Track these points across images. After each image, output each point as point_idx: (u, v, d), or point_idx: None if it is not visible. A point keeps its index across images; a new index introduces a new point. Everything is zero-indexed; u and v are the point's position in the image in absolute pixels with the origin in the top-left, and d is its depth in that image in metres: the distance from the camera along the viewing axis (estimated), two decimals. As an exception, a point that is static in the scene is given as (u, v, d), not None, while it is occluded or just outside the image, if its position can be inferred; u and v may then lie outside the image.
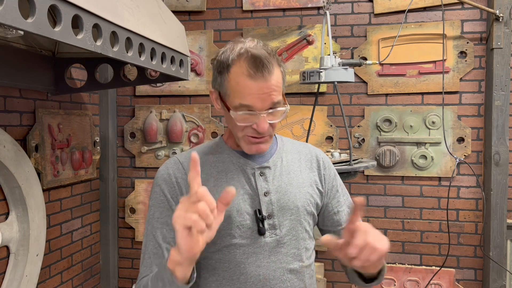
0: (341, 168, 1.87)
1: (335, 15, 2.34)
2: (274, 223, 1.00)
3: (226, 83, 0.97)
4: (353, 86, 2.34)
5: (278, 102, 0.96)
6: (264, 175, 1.03)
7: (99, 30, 1.10)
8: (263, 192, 1.01)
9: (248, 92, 0.93)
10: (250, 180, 1.02)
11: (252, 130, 0.97)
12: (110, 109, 2.50)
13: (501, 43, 2.10)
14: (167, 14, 1.66)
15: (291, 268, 1.01)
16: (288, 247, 1.01)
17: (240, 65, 0.94)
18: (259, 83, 0.93)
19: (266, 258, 0.99)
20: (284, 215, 1.02)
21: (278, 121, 1.00)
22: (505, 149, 2.13)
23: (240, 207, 0.99)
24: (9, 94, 1.79)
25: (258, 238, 0.98)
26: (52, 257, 2.09)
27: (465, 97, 2.24)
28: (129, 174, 2.59)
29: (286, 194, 1.03)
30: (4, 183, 1.74)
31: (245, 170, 1.03)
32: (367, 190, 2.35)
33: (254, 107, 0.94)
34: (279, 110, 0.98)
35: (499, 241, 2.14)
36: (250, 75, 0.92)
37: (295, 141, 1.17)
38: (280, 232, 1.01)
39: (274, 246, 1.00)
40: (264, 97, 0.94)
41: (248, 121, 0.96)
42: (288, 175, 1.06)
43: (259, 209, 0.99)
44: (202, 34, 2.45)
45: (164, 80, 1.96)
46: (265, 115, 0.95)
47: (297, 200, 1.04)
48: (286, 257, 1.01)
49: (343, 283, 2.39)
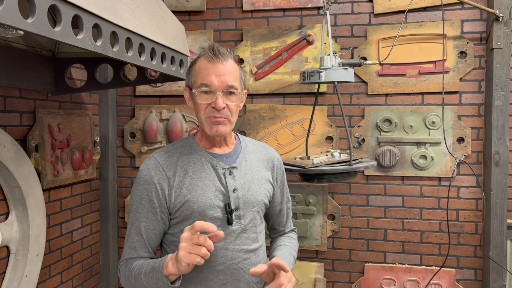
0: (341, 168, 1.88)
1: (335, 15, 2.34)
2: (239, 214, 1.23)
3: (192, 73, 1.23)
4: (353, 86, 2.34)
5: (232, 86, 1.19)
6: (232, 174, 1.25)
7: (99, 30, 1.10)
8: (232, 189, 1.23)
9: (207, 73, 1.18)
10: (221, 178, 1.23)
11: (211, 109, 1.18)
12: (110, 109, 2.50)
13: (501, 43, 2.10)
14: (167, 14, 1.66)
15: (251, 248, 1.26)
16: (249, 232, 1.25)
17: (202, 57, 1.21)
18: (215, 65, 1.17)
19: (232, 242, 1.22)
20: (247, 207, 1.25)
21: (234, 105, 1.21)
22: (505, 149, 2.13)
23: (213, 203, 1.20)
24: (9, 94, 1.80)
25: (227, 227, 1.21)
26: (52, 257, 2.09)
27: (465, 97, 2.24)
28: (129, 174, 2.59)
29: (249, 190, 1.26)
30: (4, 183, 1.74)
31: (217, 169, 1.24)
32: (367, 190, 2.35)
33: (212, 85, 1.17)
34: (234, 95, 1.20)
35: (499, 241, 2.14)
36: (209, 59, 1.18)
37: (255, 141, 1.40)
38: (244, 221, 1.24)
39: (239, 233, 1.23)
40: (220, 78, 1.17)
41: (207, 99, 1.18)
42: (251, 174, 1.28)
43: (229, 203, 1.21)
44: (202, 34, 2.45)
45: (164, 80, 1.96)
46: (221, 94, 1.17)
47: (258, 195, 1.28)
48: (247, 240, 1.25)
49: (343, 283, 2.39)
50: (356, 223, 2.36)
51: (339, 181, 1.93)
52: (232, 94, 1.20)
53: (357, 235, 2.37)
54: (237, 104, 1.23)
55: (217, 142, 1.28)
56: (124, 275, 1.22)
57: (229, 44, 2.45)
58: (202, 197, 1.20)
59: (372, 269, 2.34)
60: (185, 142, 1.30)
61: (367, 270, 2.35)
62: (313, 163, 1.90)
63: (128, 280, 1.21)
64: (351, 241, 2.37)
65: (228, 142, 1.31)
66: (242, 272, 1.23)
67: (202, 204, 1.19)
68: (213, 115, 1.19)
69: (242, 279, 1.23)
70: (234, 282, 1.22)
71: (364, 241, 2.36)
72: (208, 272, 1.20)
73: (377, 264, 2.34)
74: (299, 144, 2.38)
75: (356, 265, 2.38)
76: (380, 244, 2.35)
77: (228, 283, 1.21)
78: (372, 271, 2.34)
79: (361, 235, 2.36)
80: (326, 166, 1.90)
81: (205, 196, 1.20)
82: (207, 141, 1.28)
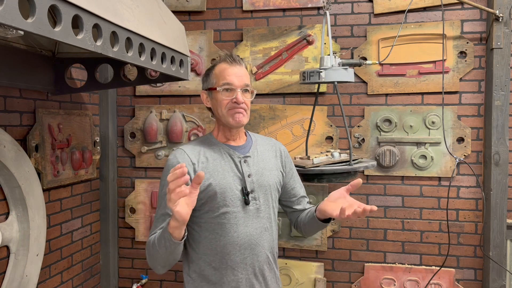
0: (341, 168, 1.88)
1: (335, 15, 2.34)
2: (255, 196, 1.41)
3: (212, 77, 1.44)
4: (353, 86, 2.34)
5: (248, 84, 1.41)
6: (247, 162, 1.44)
7: (99, 30, 1.10)
8: (247, 174, 1.42)
9: (228, 74, 1.40)
10: (237, 165, 1.42)
11: (232, 104, 1.39)
12: (110, 109, 2.50)
13: (501, 43, 2.10)
14: (167, 14, 1.66)
15: (266, 226, 1.44)
16: (263, 212, 1.43)
17: (221, 63, 1.44)
18: (235, 68, 1.41)
19: (250, 220, 1.40)
20: (261, 190, 1.43)
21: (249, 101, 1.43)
22: (505, 149, 2.13)
23: (232, 185, 1.38)
24: (9, 94, 1.80)
25: (245, 207, 1.39)
26: (52, 257, 2.09)
27: (465, 97, 2.24)
28: (129, 174, 2.59)
29: (262, 176, 1.45)
30: (4, 183, 1.74)
31: (233, 158, 1.43)
32: (367, 190, 2.35)
33: (233, 84, 1.39)
34: (249, 92, 1.43)
35: (499, 241, 2.14)
36: (229, 63, 1.42)
37: (264, 136, 1.61)
38: (259, 202, 1.42)
39: (255, 212, 1.41)
40: (239, 78, 1.40)
41: (229, 96, 1.39)
42: (263, 162, 1.48)
43: (245, 186, 1.40)
44: (202, 34, 2.46)
45: (164, 80, 1.96)
46: (240, 91, 1.39)
47: (270, 180, 1.46)
48: (263, 219, 1.43)
49: (343, 283, 2.39)
50: (356, 223, 2.36)
51: (339, 181, 1.93)
52: (247, 91, 1.42)
53: (357, 235, 2.37)
54: (251, 100, 1.45)
55: (232, 136, 1.47)
56: (147, 249, 1.34)
57: (229, 44, 2.45)
58: (223, 180, 1.38)
59: (372, 269, 2.34)
60: (204, 137, 1.51)
61: (367, 270, 2.35)
62: (313, 163, 1.90)
63: (148, 252, 1.33)
64: (351, 241, 2.37)
65: (241, 136, 1.50)
66: (260, 248, 1.41)
67: (223, 187, 1.37)
68: (233, 107, 1.39)
69: (260, 254, 1.41)
70: (253, 256, 1.39)
71: (364, 241, 2.36)
72: (231, 247, 1.37)
73: (377, 264, 2.35)
74: (299, 144, 2.38)
75: (356, 265, 2.38)
76: (380, 244, 2.35)
77: (248, 257, 1.39)
78: (372, 271, 2.34)
79: (361, 235, 2.36)
80: (326, 166, 1.90)
81: (226, 180, 1.38)
82: (223, 135, 1.47)
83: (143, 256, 2.59)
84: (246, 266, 1.39)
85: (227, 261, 1.37)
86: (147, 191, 2.54)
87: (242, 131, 1.51)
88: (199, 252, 1.39)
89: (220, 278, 1.37)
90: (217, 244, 1.37)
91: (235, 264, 1.37)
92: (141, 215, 2.55)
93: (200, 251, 1.39)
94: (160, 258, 1.28)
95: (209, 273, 1.38)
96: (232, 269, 1.37)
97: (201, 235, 1.39)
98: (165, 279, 2.57)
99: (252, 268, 1.39)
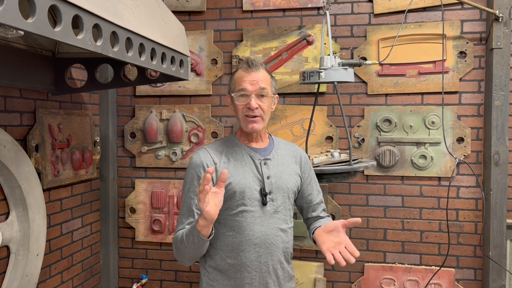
0: (341, 168, 1.88)
1: (335, 15, 2.34)
2: (272, 197, 1.46)
3: (232, 82, 1.51)
4: (353, 86, 2.34)
5: (264, 88, 1.44)
6: (266, 164, 1.48)
7: (99, 30, 1.10)
8: (266, 176, 1.46)
9: (242, 80, 1.45)
10: (257, 167, 1.47)
11: (247, 109, 1.44)
12: (110, 109, 2.50)
13: (501, 43, 2.10)
14: (167, 14, 1.66)
15: (282, 228, 1.48)
16: (280, 214, 1.47)
17: (240, 68, 1.49)
18: (250, 74, 1.45)
19: (267, 220, 1.44)
20: (279, 192, 1.47)
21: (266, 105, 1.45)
22: (504, 149, 2.13)
23: (251, 186, 1.43)
24: (9, 94, 1.80)
25: (262, 207, 1.44)
26: (52, 257, 2.09)
27: (464, 97, 2.24)
28: (129, 174, 2.59)
29: (281, 178, 1.49)
30: (4, 183, 1.74)
31: (254, 160, 1.48)
32: (367, 190, 2.35)
33: (247, 89, 1.44)
34: (265, 97, 1.45)
35: (498, 241, 2.15)
36: (244, 69, 1.46)
37: (286, 141, 1.65)
38: (276, 204, 1.46)
39: (272, 213, 1.45)
40: (253, 83, 1.44)
41: (243, 101, 1.44)
42: (282, 165, 1.52)
43: (263, 187, 1.44)
44: (202, 34, 2.46)
45: (164, 80, 1.96)
46: (254, 97, 1.43)
47: (288, 183, 1.50)
48: (279, 220, 1.47)
49: (343, 282, 2.39)
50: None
51: (339, 181, 1.93)
52: (264, 96, 1.44)
53: (357, 235, 2.37)
54: (268, 104, 1.47)
55: (254, 138, 1.52)
56: (174, 244, 1.42)
57: (229, 44, 2.45)
58: (243, 180, 1.43)
59: (372, 269, 2.34)
60: (227, 138, 1.57)
61: (367, 269, 2.35)
62: (313, 163, 1.90)
63: (176, 246, 1.41)
64: (351, 240, 2.37)
65: (263, 139, 1.55)
66: (274, 248, 1.45)
67: (243, 186, 1.42)
68: (248, 113, 1.44)
69: (274, 253, 1.45)
70: (267, 255, 1.44)
71: (364, 241, 2.36)
72: (247, 245, 1.42)
73: (377, 264, 2.35)
74: (299, 144, 2.38)
75: (356, 265, 2.38)
76: (380, 244, 2.35)
77: (262, 255, 1.43)
78: (372, 271, 2.34)
79: (361, 234, 2.37)
80: (326, 166, 1.90)
81: (245, 180, 1.44)
82: (245, 137, 1.52)
83: (143, 256, 2.59)
84: (260, 265, 1.43)
85: (242, 258, 1.42)
86: (147, 191, 2.54)
87: (264, 134, 1.56)
88: (217, 247, 1.45)
89: (235, 273, 1.43)
90: (233, 241, 1.43)
91: (249, 261, 1.42)
92: (141, 215, 2.55)
93: (218, 247, 1.45)
94: (188, 253, 1.37)
95: (225, 268, 1.44)
96: (246, 266, 1.42)
97: (219, 231, 1.45)
98: (165, 279, 2.57)
99: (266, 267, 1.44)
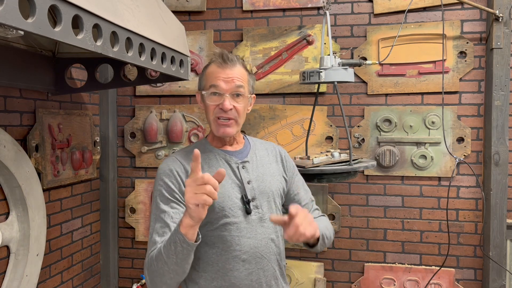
0: (341, 168, 1.88)
1: (335, 15, 2.34)
2: (256, 204, 1.29)
3: (203, 78, 1.32)
4: (353, 86, 2.34)
5: (239, 88, 1.26)
6: (245, 168, 1.32)
7: (99, 30, 1.10)
8: (247, 181, 1.30)
9: (216, 76, 1.26)
10: (235, 172, 1.30)
11: (219, 110, 1.26)
12: (110, 109, 2.50)
13: (501, 43, 2.10)
14: (167, 14, 1.66)
15: (272, 237, 1.31)
16: (268, 221, 1.29)
17: (213, 63, 1.30)
18: (224, 70, 1.26)
19: (254, 231, 1.27)
20: (263, 197, 1.31)
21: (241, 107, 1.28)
22: (504, 149, 2.13)
23: (230, 194, 1.26)
24: (9, 94, 1.80)
25: (246, 216, 1.27)
26: (52, 257, 2.09)
27: (465, 97, 2.24)
28: (129, 174, 2.59)
29: (263, 182, 1.32)
30: (4, 183, 1.74)
31: (231, 164, 1.31)
32: (367, 190, 2.35)
33: (220, 87, 1.25)
34: (241, 97, 1.28)
35: (499, 241, 2.15)
36: (218, 64, 1.27)
37: (262, 140, 1.49)
38: (262, 211, 1.29)
39: (258, 221, 1.28)
40: (228, 80, 1.25)
41: (216, 100, 1.26)
42: (263, 167, 1.36)
43: (245, 194, 1.28)
44: (202, 34, 2.46)
45: (164, 80, 1.96)
46: (229, 96, 1.25)
47: (272, 186, 1.34)
48: (267, 229, 1.30)
49: (343, 282, 2.39)
50: (356, 223, 2.36)
51: (339, 181, 1.93)
52: (239, 96, 1.28)
53: (357, 235, 2.37)
54: (244, 106, 1.30)
55: (228, 141, 1.35)
56: (148, 268, 1.16)
57: (229, 44, 2.45)
58: (221, 189, 1.23)
59: (372, 269, 2.34)
60: (199, 143, 1.40)
61: (367, 269, 2.35)
62: (313, 163, 1.90)
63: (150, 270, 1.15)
64: (351, 240, 2.37)
65: (238, 140, 1.39)
66: (266, 261, 1.28)
67: (221, 195, 1.24)
68: (221, 115, 1.27)
69: (266, 268, 1.28)
70: (259, 271, 1.26)
71: (364, 241, 2.36)
72: (234, 262, 1.24)
73: (377, 264, 2.35)
74: (299, 144, 2.38)
75: (356, 264, 2.38)
76: (380, 244, 2.35)
77: (253, 272, 1.25)
78: (372, 271, 2.34)
79: (361, 235, 2.36)
80: (326, 166, 1.90)
81: (224, 188, 1.26)
82: (218, 141, 1.35)
83: (143, 256, 2.59)
84: (252, 283, 1.25)
85: (231, 278, 1.24)
86: (147, 191, 2.54)
87: (239, 135, 1.39)
88: (199, 270, 1.26)
89: None
90: (218, 259, 1.24)
91: (239, 281, 1.24)
92: (141, 215, 2.55)
93: (201, 269, 1.26)
94: (167, 271, 1.11)
95: None
96: (236, 287, 1.24)
97: (200, 250, 1.25)
98: (165, 279, 2.57)
99: (258, 285, 1.26)
